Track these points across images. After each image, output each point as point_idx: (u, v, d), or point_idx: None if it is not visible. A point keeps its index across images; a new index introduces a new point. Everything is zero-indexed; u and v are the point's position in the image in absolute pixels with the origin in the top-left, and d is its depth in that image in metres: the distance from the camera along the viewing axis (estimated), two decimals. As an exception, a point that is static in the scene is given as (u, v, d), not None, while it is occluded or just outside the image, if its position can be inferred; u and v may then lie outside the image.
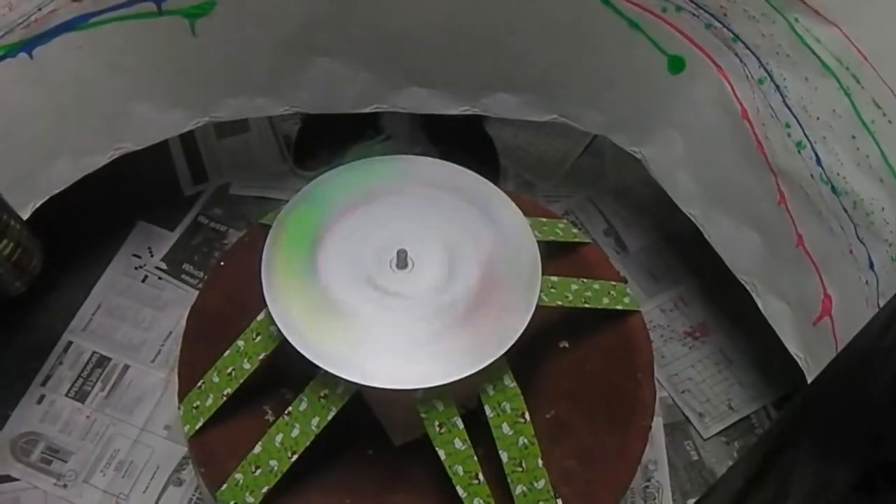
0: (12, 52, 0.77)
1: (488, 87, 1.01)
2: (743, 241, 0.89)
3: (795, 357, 0.84)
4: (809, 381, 0.81)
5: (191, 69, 0.90)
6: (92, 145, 0.90)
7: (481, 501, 0.69)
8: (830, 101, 0.73)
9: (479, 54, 0.96)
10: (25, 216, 0.86)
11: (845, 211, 0.75)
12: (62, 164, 0.88)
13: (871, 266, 0.73)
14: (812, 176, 0.77)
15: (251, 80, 0.94)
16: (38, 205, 0.87)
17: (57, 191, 0.89)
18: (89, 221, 0.97)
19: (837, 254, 0.77)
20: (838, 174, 0.74)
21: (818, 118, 0.75)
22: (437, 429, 0.70)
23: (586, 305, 0.80)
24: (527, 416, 0.71)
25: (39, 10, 0.76)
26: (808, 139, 0.76)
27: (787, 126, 0.78)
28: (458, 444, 0.70)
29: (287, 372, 0.77)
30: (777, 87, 0.78)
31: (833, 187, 0.75)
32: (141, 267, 1.14)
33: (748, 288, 0.91)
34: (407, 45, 0.94)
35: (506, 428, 0.70)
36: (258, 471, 0.70)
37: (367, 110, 1.02)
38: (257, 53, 0.91)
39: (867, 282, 0.73)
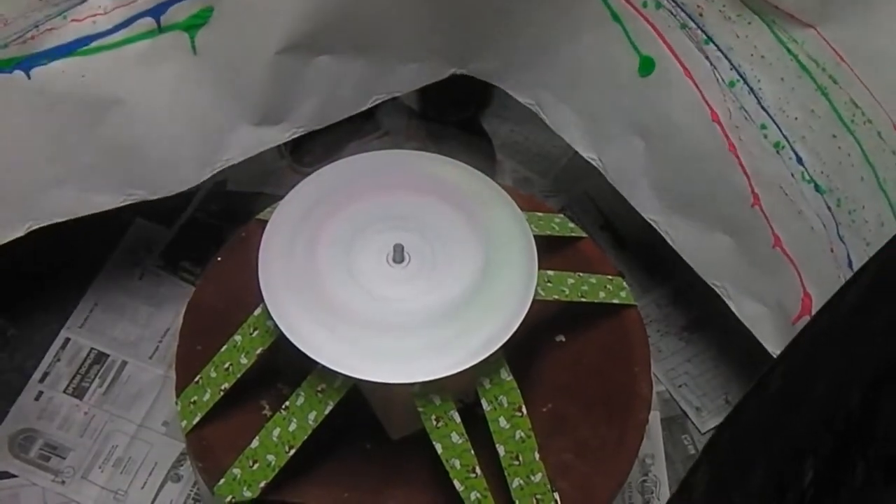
0: (7, 67, 0.75)
1: (476, 54, 1.01)
2: (712, 245, 0.89)
3: (774, 356, 0.84)
4: None
5: (195, 101, 0.88)
6: (100, 184, 0.88)
7: (478, 495, 0.69)
8: (808, 102, 0.74)
9: (466, 23, 0.95)
10: (21, 233, 0.85)
11: (828, 209, 0.75)
12: (65, 193, 0.86)
13: (850, 265, 0.73)
14: (793, 175, 0.77)
15: (254, 102, 0.92)
16: (34, 227, 0.86)
17: (60, 219, 0.87)
18: (87, 218, 0.97)
19: (818, 252, 0.77)
20: (821, 172, 0.74)
21: (796, 118, 0.75)
22: (434, 423, 0.70)
23: (583, 299, 0.80)
24: (523, 409, 0.71)
25: (36, 27, 0.75)
26: (787, 139, 0.76)
27: (763, 127, 0.78)
28: (455, 437, 0.70)
29: (284, 367, 0.77)
30: (751, 89, 0.78)
31: (816, 185, 0.75)
32: (138, 264, 1.14)
33: (719, 292, 0.91)
34: (396, 22, 0.93)
35: (503, 421, 0.70)
36: (255, 465, 0.70)
37: (368, 105, 1.01)
38: (258, 63, 0.89)
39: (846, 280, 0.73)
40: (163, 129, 0.87)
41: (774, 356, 0.85)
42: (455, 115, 1.28)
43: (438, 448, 0.69)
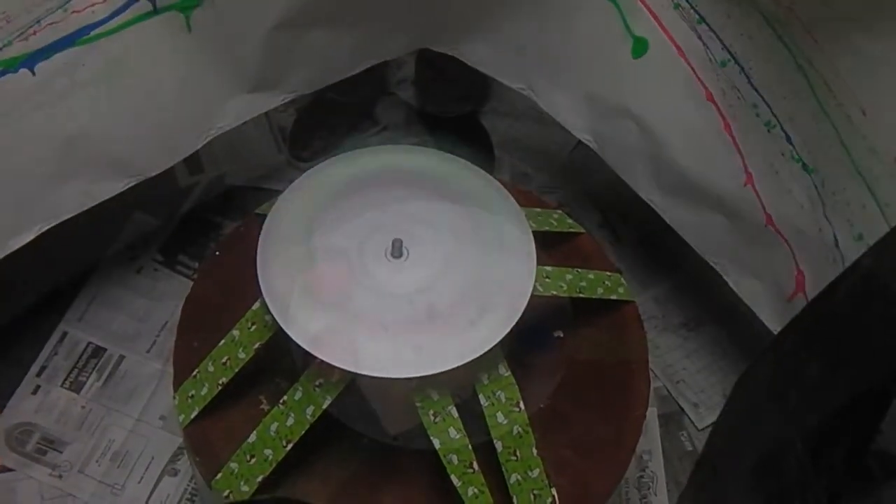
0: (13, 67, 0.75)
1: (467, 35, 1.00)
2: (708, 224, 0.90)
3: (773, 331, 0.85)
4: None
5: (190, 75, 0.88)
6: (104, 172, 0.87)
7: (476, 490, 0.69)
8: (793, 82, 0.74)
9: (456, 3, 0.95)
10: (31, 237, 0.84)
11: (815, 188, 0.76)
12: (72, 189, 0.86)
13: (837, 244, 0.74)
14: (783, 154, 0.78)
15: (248, 72, 0.93)
16: (45, 228, 0.85)
17: (68, 216, 0.86)
18: (85, 212, 0.97)
19: (807, 231, 0.78)
20: (808, 152, 0.75)
21: (784, 98, 0.76)
22: (432, 418, 0.70)
23: (581, 295, 0.80)
24: (521, 405, 0.71)
25: (38, 22, 0.75)
26: (777, 119, 0.77)
27: (755, 106, 0.79)
28: (452, 433, 0.70)
29: (282, 361, 0.77)
30: (742, 68, 0.79)
31: (804, 165, 0.76)
32: (136, 258, 1.14)
33: (718, 269, 0.92)
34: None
35: (500, 417, 0.70)
36: (253, 460, 0.70)
37: (359, 69, 1.00)
38: (252, 40, 0.89)
39: (834, 259, 0.74)
40: (158, 104, 0.88)
41: (773, 331, 0.85)
42: (454, 111, 1.28)
43: (436, 443, 0.69)
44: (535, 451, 0.71)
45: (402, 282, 0.72)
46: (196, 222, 1.17)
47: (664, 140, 0.89)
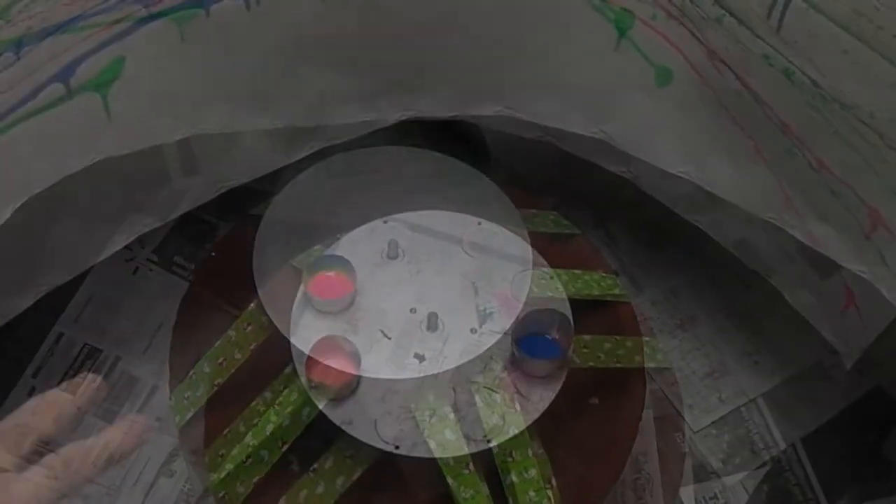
0: None
1: (478, 93, 1.00)
2: (755, 242, 0.91)
3: (832, 343, 0.86)
4: (848, 366, 0.84)
5: (177, 77, 0.88)
6: (72, 149, 0.87)
7: (471, 491, 0.69)
8: (804, 112, 0.74)
9: (468, 59, 0.95)
10: (5, 217, 0.84)
11: (847, 210, 0.76)
12: (40, 164, 0.85)
13: (884, 261, 0.74)
14: (810, 179, 0.78)
15: (237, 92, 0.92)
16: (17, 206, 0.84)
17: (36, 191, 0.86)
18: (80, 213, 0.97)
19: (849, 250, 0.78)
20: (833, 177, 0.75)
21: (801, 126, 0.76)
22: (429, 420, 0.70)
23: (577, 297, 0.80)
24: (517, 406, 0.71)
25: (27, 9, 0.75)
26: (797, 146, 0.77)
27: (775, 135, 0.79)
28: (448, 434, 0.70)
29: (279, 362, 0.77)
30: (755, 98, 0.78)
31: (832, 190, 0.76)
32: (132, 259, 1.13)
33: (773, 283, 0.92)
34: (394, 49, 0.93)
35: (496, 418, 0.71)
36: (249, 461, 0.70)
37: (354, 120, 1.00)
38: (243, 59, 0.89)
39: (883, 276, 0.74)
40: (135, 95, 0.87)
41: (832, 343, 0.86)
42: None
43: (432, 444, 0.70)
44: (530, 451, 0.71)
45: (398, 282, 0.73)
46: (191, 223, 1.17)
47: (702, 161, 0.89)
